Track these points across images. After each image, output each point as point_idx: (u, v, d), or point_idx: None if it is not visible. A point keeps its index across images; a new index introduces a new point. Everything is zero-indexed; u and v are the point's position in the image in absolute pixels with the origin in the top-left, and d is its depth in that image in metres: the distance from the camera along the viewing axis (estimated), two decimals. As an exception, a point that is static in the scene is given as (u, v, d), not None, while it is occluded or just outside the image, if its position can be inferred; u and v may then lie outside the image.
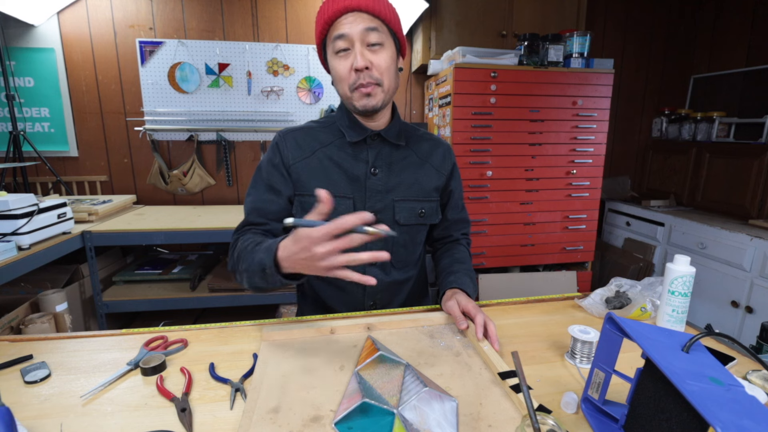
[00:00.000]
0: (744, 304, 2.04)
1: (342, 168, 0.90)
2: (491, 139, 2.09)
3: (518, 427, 0.49)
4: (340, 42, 0.81)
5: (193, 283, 2.00)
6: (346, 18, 0.80)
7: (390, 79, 0.85)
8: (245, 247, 0.79)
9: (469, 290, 0.91)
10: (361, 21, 0.80)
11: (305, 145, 0.91)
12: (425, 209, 0.95)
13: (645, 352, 0.51)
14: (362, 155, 0.90)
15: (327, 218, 0.77)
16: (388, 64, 0.83)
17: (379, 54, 0.82)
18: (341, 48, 0.81)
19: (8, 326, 1.38)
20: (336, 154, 0.90)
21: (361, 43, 0.80)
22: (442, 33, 2.22)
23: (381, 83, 0.83)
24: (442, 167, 0.98)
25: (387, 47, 0.83)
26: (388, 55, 0.83)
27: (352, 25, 0.80)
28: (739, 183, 2.31)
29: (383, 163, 0.91)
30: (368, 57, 0.81)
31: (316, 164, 0.90)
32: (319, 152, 0.90)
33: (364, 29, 0.80)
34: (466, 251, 1.04)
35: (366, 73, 0.81)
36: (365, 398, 0.55)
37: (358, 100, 0.84)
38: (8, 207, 1.37)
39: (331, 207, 0.63)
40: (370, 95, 0.83)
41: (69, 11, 2.19)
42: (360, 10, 0.80)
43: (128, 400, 0.64)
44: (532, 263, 2.30)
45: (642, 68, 2.92)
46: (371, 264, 0.93)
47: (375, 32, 0.81)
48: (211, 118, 2.40)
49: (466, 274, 0.95)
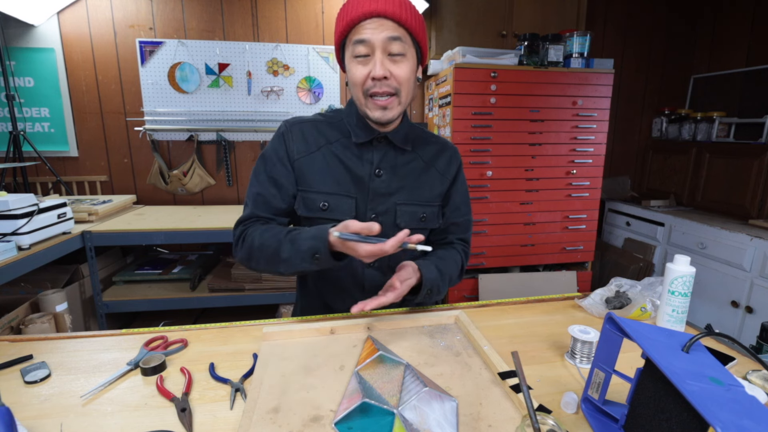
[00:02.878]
0: (744, 304, 2.04)
1: (346, 167, 0.89)
2: (491, 139, 2.09)
3: (518, 427, 0.49)
4: (361, 47, 0.78)
5: (193, 283, 2.00)
6: (370, 23, 0.77)
7: (408, 91, 0.83)
8: (273, 237, 0.82)
9: (429, 274, 0.84)
10: (384, 29, 0.77)
11: (311, 140, 0.89)
12: (426, 214, 0.94)
13: (645, 352, 0.51)
14: (367, 156, 0.90)
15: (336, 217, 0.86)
16: (408, 76, 0.81)
17: (400, 65, 0.80)
18: (361, 53, 0.79)
19: (8, 326, 1.38)
20: (341, 152, 0.89)
21: (383, 51, 0.78)
22: (442, 33, 2.22)
23: (398, 94, 0.82)
24: (447, 171, 0.97)
25: (408, 58, 0.81)
26: (408, 66, 0.81)
27: (375, 32, 0.77)
28: (739, 183, 2.31)
29: (388, 166, 0.90)
30: (388, 66, 0.79)
31: (321, 160, 0.89)
32: (325, 148, 0.89)
33: (387, 38, 0.77)
34: (457, 253, 0.97)
35: (384, 82, 0.79)
36: (365, 398, 0.55)
37: (372, 111, 0.83)
38: (8, 207, 1.37)
39: (376, 232, 0.73)
40: (387, 108, 0.82)
41: (69, 11, 2.19)
42: (385, 16, 0.76)
43: (128, 400, 0.64)
44: (532, 263, 2.30)
45: (642, 68, 2.92)
46: (369, 265, 0.93)
47: (398, 42, 0.78)
48: (211, 118, 2.40)
49: (434, 262, 0.88)
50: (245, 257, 0.86)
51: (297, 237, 0.79)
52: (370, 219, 0.90)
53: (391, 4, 0.77)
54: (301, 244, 0.78)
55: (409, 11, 0.79)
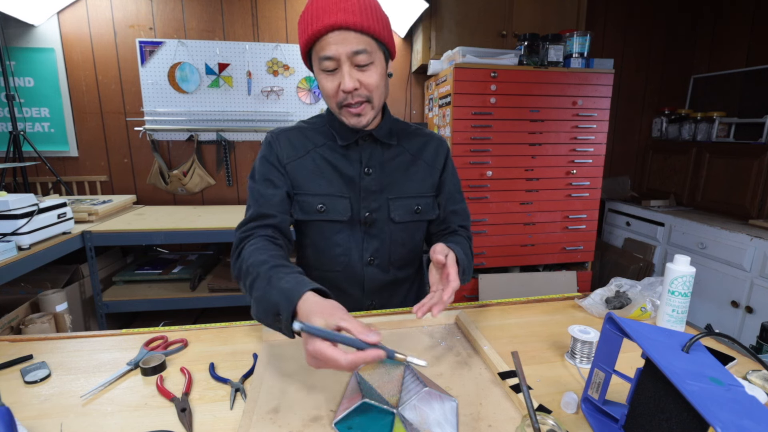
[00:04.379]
0: (744, 304, 2.04)
1: (336, 168, 0.89)
2: (491, 139, 2.09)
3: (518, 427, 0.49)
4: (327, 63, 0.76)
5: (193, 283, 2.00)
6: (333, 36, 0.74)
7: (380, 94, 0.83)
8: (257, 263, 0.72)
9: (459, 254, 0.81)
10: (348, 42, 0.74)
11: (298, 145, 0.90)
12: (421, 205, 0.95)
13: (645, 352, 0.51)
14: (355, 156, 0.90)
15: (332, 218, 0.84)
16: (378, 82, 0.80)
17: (368, 72, 0.78)
18: (328, 68, 0.78)
19: (8, 326, 1.38)
20: (329, 154, 0.90)
21: (350, 63, 0.76)
22: (442, 33, 2.22)
23: (371, 100, 0.81)
24: (436, 162, 0.97)
25: (377, 63, 0.79)
26: (377, 72, 0.79)
27: (339, 46, 0.74)
28: (739, 183, 2.31)
29: (376, 163, 0.91)
30: (357, 77, 0.78)
31: (311, 164, 0.89)
32: (313, 152, 0.90)
33: (352, 52, 0.75)
34: (465, 240, 0.96)
35: (355, 93, 0.79)
36: (365, 398, 0.55)
37: (348, 118, 0.83)
38: (8, 207, 1.37)
39: (375, 341, 0.56)
40: (360, 115, 0.82)
41: (69, 11, 2.19)
42: (348, 28, 0.74)
43: (128, 400, 0.64)
44: (532, 263, 2.30)
45: (642, 68, 2.92)
46: (369, 263, 0.93)
47: (363, 54, 0.76)
48: (211, 118, 2.40)
49: (457, 244, 0.87)
50: (236, 275, 0.79)
51: (275, 277, 0.67)
52: (365, 217, 0.90)
53: (351, 14, 0.73)
54: (271, 294, 0.64)
55: (371, 16, 0.76)
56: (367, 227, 0.92)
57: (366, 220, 0.91)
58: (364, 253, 0.93)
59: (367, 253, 0.93)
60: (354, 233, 0.92)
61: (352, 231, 0.92)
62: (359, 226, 0.92)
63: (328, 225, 0.91)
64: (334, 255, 0.93)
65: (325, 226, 0.91)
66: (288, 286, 0.63)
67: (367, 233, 0.92)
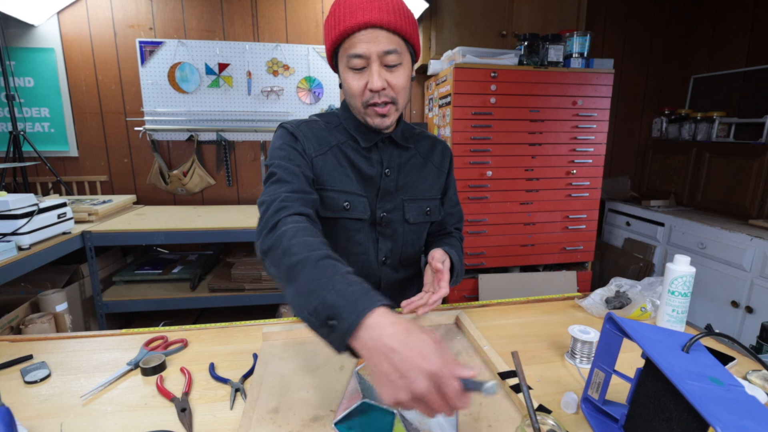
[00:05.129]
0: (744, 304, 2.04)
1: (356, 168, 0.89)
2: (491, 139, 2.09)
3: (518, 427, 0.49)
4: (356, 60, 0.76)
5: (193, 283, 2.00)
6: (364, 35, 0.74)
7: (405, 96, 0.83)
8: (304, 244, 0.60)
9: (453, 258, 0.87)
10: (380, 42, 0.74)
11: (322, 140, 0.88)
12: (431, 207, 0.97)
13: (645, 352, 0.51)
14: (375, 157, 0.90)
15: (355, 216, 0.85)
16: (405, 84, 0.80)
17: (396, 73, 0.78)
18: (356, 66, 0.77)
19: (8, 326, 1.38)
20: (351, 153, 0.89)
21: (379, 63, 0.76)
22: (442, 33, 2.22)
23: (396, 102, 0.81)
24: (442, 165, 1.00)
25: (405, 65, 0.80)
26: (405, 73, 0.80)
27: (370, 45, 0.74)
28: (739, 183, 2.31)
29: (394, 165, 0.92)
30: (385, 77, 0.77)
31: (333, 161, 0.88)
32: (335, 149, 0.89)
33: (383, 52, 0.75)
34: (458, 242, 1.02)
35: (382, 93, 0.79)
36: (365, 398, 0.55)
37: (372, 119, 0.83)
38: (8, 207, 1.37)
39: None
40: (385, 116, 0.82)
41: (69, 11, 2.19)
42: (381, 26, 0.73)
43: (128, 400, 0.64)
44: (532, 263, 2.30)
45: (642, 68, 2.92)
46: (383, 263, 0.94)
47: (394, 54, 0.76)
48: (211, 118, 2.40)
49: (452, 247, 0.93)
50: (266, 249, 0.65)
51: (331, 270, 0.55)
52: (380, 217, 0.91)
53: (386, 12, 0.73)
54: (327, 292, 0.52)
55: (404, 17, 0.76)
56: (382, 227, 0.92)
57: (381, 221, 0.91)
58: (378, 253, 0.93)
59: (381, 253, 0.93)
60: (370, 233, 0.92)
61: (369, 231, 0.92)
62: (374, 227, 0.92)
63: (351, 223, 0.90)
64: (355, 254, 0.92)
65: (349, 225, 0.90)
66: (352, 289, 0.51)
67: (381, 233, 0.92)
